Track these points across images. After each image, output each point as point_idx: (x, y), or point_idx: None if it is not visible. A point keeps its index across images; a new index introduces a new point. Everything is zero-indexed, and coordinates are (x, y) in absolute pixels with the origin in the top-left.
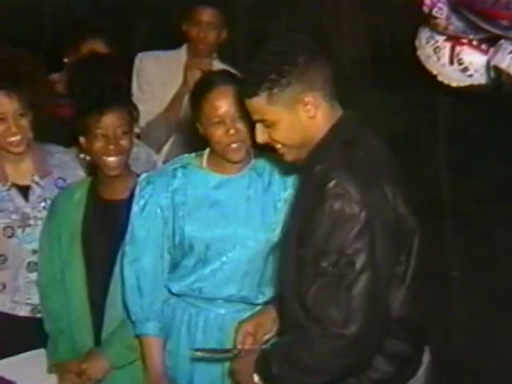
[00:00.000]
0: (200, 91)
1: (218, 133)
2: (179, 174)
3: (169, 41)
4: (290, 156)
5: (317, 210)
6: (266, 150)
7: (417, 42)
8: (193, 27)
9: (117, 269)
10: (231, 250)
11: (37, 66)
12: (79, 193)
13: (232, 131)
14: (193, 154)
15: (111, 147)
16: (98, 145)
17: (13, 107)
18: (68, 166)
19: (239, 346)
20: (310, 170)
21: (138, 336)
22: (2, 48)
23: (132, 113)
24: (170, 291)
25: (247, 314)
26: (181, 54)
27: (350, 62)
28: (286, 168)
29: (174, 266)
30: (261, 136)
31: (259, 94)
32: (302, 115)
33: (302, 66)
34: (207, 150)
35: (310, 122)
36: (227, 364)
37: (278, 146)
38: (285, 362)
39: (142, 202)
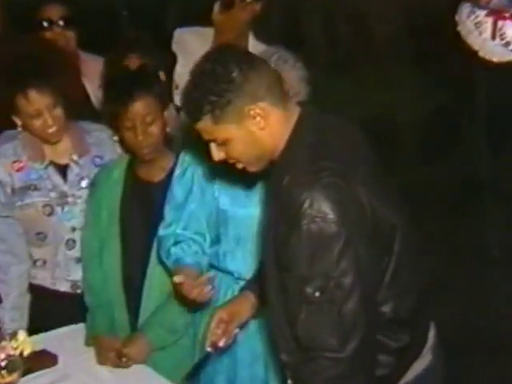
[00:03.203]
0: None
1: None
2: None
3: (202, 20)
4: (251, 168)
5: (293, 234)
6: None
7: (457, 17)
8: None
9: (153, 251)
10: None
11: (65, 57)
12: (117, 171)
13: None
14: None
15: (140, 138)
16: (127, 135)
17: (46, 102)
18: (105, 143)
19: (212, 338)
20: (277, 182)
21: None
22: (29, 43)
23: (162, 96)
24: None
25: None
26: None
27: (390, 38)
28: None
29: (214, 243)
30: (217, 155)
31: (202, 118)
32: (253, 128)
33: (238, 80)
34: None
35: (263, 133)
36: (271, 370)
37: (236, 161)
38: None
39: (181, 170)
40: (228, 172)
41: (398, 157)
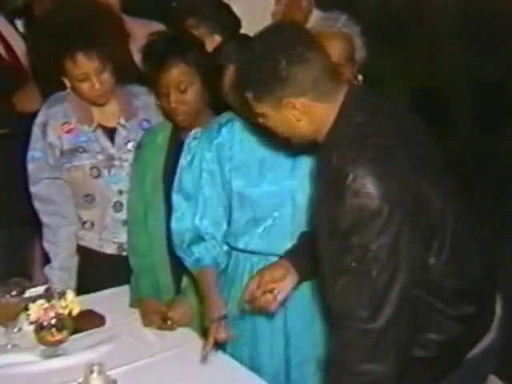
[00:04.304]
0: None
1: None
2: (224, 129)
3: None
4: (292, 141)
5: (338, 206)
6: None
7: None
8: None
9: None
10: (281, 205)
11: (114, 22)
12: (162, 136)
13: (173, 105)
14: None
15: (173, 105)
16: (163, 101)
17: (93, 66)
18: (152, 107)
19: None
20: (326, 161)
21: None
22: (79, 8)
23: (198, 63)
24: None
25: None
26: None
27: (441, 9)
28: None
29: (229, 223)
30: (260, 121)
31: (246, 92)
32: (289, 116)
33: (283, 73)
34: None
35: (299, 123)
36: (289, 316)
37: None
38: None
39: (189, 157)
40: (241, 151)
41: (447, 129)
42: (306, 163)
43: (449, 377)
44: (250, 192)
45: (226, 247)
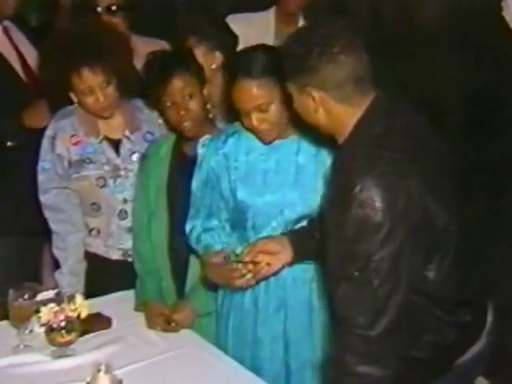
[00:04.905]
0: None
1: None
2: (230, 139)
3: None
4: (314, 127)
5: (343, 214)
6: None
7: (503, 3)
8: None
9: None
10: (280, 214)
11: (119, 39)
12: (165, 148)
13: (182, 112)
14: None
15: (182, 112)
16: (169, 113)
17: (97, 80)
18: (155, 120)
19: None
20: (341, 163)
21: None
22: (86, 26)
23: (199, 73)
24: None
25: (307, 273)
26: (269, 17)
27: (433, 22)
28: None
29: (232, 229)
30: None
31: (284, 69)
32: (309, 105)
33: (312, 63)
34: None
35: (316, 115)
36: (288, 323)
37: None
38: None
39: (198, 164)
40: (246, 162)
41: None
42: (308, 176)
43: (440, 380)
44: (254, 201)
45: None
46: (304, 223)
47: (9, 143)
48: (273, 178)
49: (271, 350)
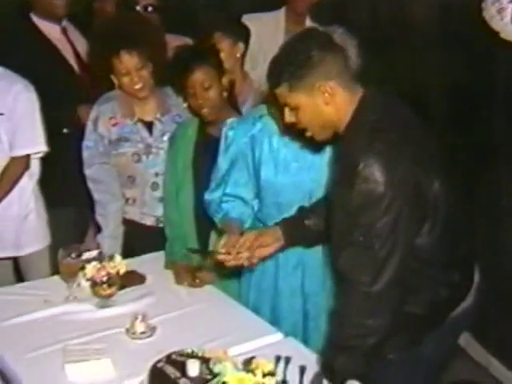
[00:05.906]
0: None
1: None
2: (258, 122)
3: (270, 2)
4: (317, 136)
5: (350, 190)
6: None
7: (483, 4)
8: None
9: None
10: (301, 195)
11: (152, 27)
12: (191, 129)
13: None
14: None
15: (200, 101)
16: (191, 101)
17: (133, 62)
18: (182, 105)
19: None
20: (344, 148)
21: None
22: (121, 18)
23: (218, 65)
24: None
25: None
26: (280, 16)
27: (420, 22)
28: None
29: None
30: (288, 117)
31: (280, 84)
32: (319, 101)
33: (315, 59)
34: None
35: (327, 108)
36: (306, 279)
37: (304, 127)
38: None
39: (225, 145)
40: (270, 145)
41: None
42: (323, 160)
43: (434, 332)
44: (277, 181)
45: (251, 210)
46: (295, 211)
47: (65, 130)
48: (293, 160)
49: (290, 301)
